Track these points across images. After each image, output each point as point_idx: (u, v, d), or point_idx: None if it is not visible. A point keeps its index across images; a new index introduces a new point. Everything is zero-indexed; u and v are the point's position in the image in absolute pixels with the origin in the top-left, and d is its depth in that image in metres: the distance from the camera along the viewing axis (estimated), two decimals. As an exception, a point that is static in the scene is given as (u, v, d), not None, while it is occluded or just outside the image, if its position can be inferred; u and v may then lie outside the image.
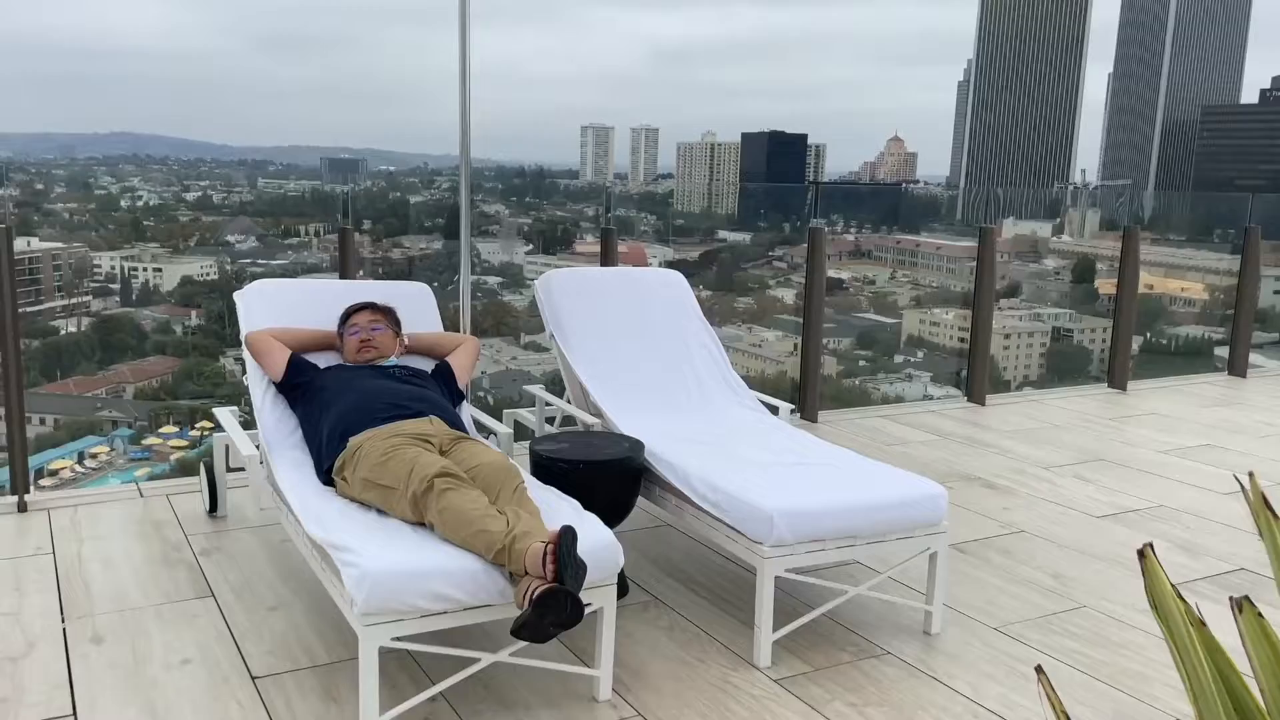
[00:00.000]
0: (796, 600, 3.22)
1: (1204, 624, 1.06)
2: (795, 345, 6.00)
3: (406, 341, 3.60)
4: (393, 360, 3.48)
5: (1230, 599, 1.16)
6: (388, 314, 3.56)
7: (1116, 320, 6.61)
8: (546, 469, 3.17)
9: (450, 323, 4.29)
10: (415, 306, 3.79)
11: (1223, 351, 7.23)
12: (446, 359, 3.60)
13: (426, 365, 3.58)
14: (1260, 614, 1.11)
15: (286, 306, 3.67)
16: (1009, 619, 3.22)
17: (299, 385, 3.35)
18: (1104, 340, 6.73)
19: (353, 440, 2.96)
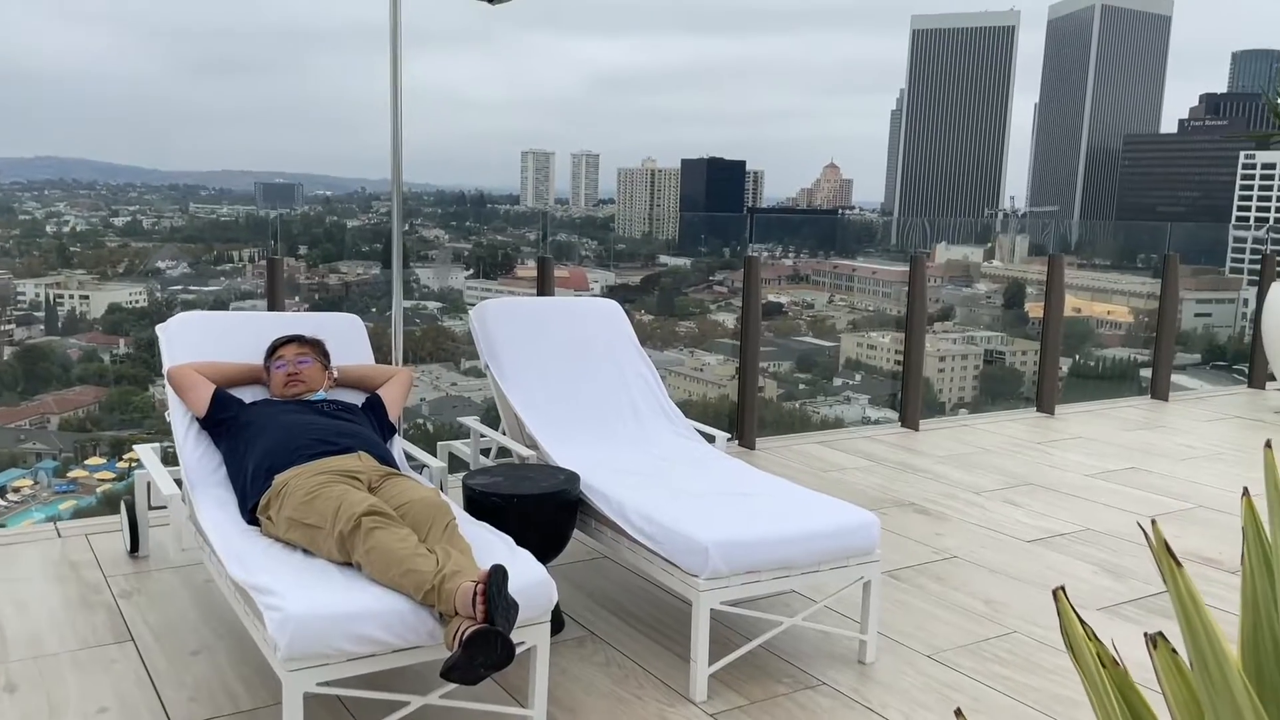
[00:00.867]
0: (733, 632, 3.21)
1: (1116, 663, 1.08)
2: (736, 370, 6.03)
3: (335, 374, 3.54)
4: (321, 394, 3.42)
5: (1145, 635, 1.18)
6: (316, 346, 3.50)
7: (1043, 347, 6.76)
8: (479, 504, 3.13)
9: (383, 353, 4.23)
10: (345, 338, 3.73)
11: (1148, 373, 7.42)
12: (377, 392, 3.55)
13: (357, 399, 3.52)
14: (1174, 650, 1.13)
15: (211, 339, 3.59)
16: (942, 646, 3.24)
17: (223, 421, 3.27)
18: (1035, 362, 6.86)
19: (278, 478, 2.89)
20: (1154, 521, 0.97)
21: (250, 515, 2.95)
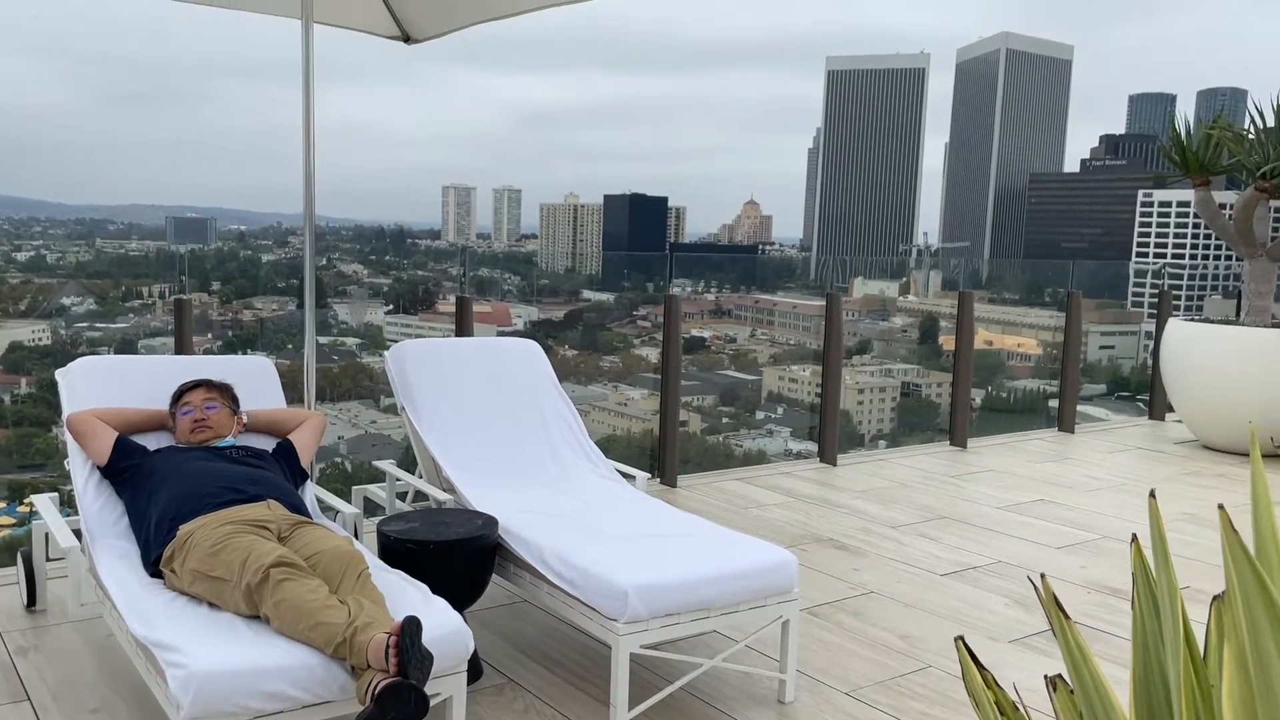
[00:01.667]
0: (654, 674, 3.19)
1: (1017, 708, 1.10)
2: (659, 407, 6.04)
3: (245, 420, 3.45)
4: (229, 440, 3.33)
5: (1045, 677, 1.20)
6: (224, 391, 3.41)
7: (955, 383, 6.93)
8: (394, 550, 3.08)
9: (297, 391, 4.14)
10: (255, 382, 3.64)
11: (1056, 404, 7.66)
12: (289, 437, 3.47)
13: (267, 444, 3.44)
14: (1072, 691, 1.16)
15: (115, 385, 3.47)
16: (859, 682, 3.27)
17: (125, 469, 3.16)
18: (950, 394, 7.03)
19: (183, 528, 2.80)
20: (1043, 576, 0.99)
21: (153, 568, 2.84)
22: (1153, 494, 1.02)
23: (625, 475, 4.00)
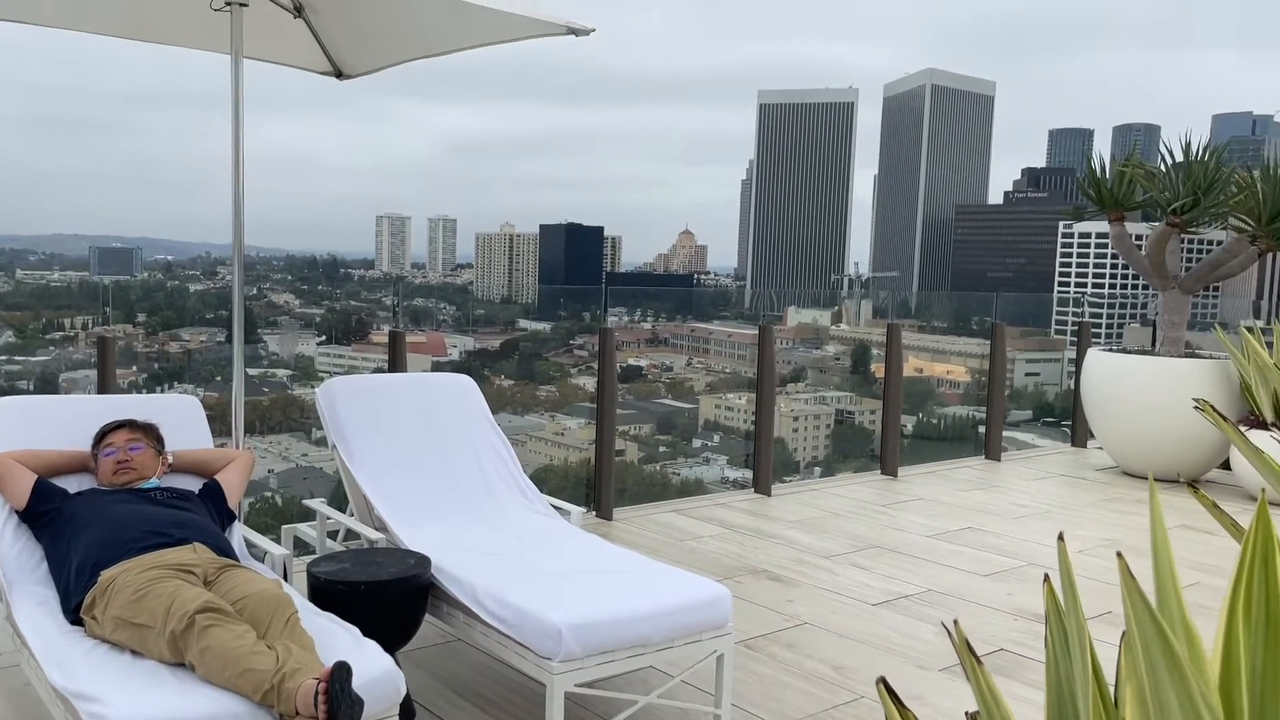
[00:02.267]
0: (589, 713, 3.18)
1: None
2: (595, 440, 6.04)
3: (170, 460, 3.38)
4: (154, 482, 3.25)
5: (966, 714, 1.24)
6: (148, 431, 3.34)
7: (885, 413, 7.06)
8: (324, 592, 3.03)
9: (226, 424, 4.06)
10: (181, 421, 3.57)
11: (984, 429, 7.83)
12: (216, 477, 3.40)
13: (193, 485, 3.37)
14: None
15: (34, 426, 3.37)
16: (793, 715, 3.30)
17: (45, 513, 3.07)
18: (881, 423, 7.16)
19: (104, 574, 2.72)
20: (955, 622, 1.03)
21: (74, 615, 2.76)
22: (1061, 537, 1.06)
23: (560, 510, 4.00)
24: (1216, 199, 6.88)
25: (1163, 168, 7.36)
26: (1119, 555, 0.85)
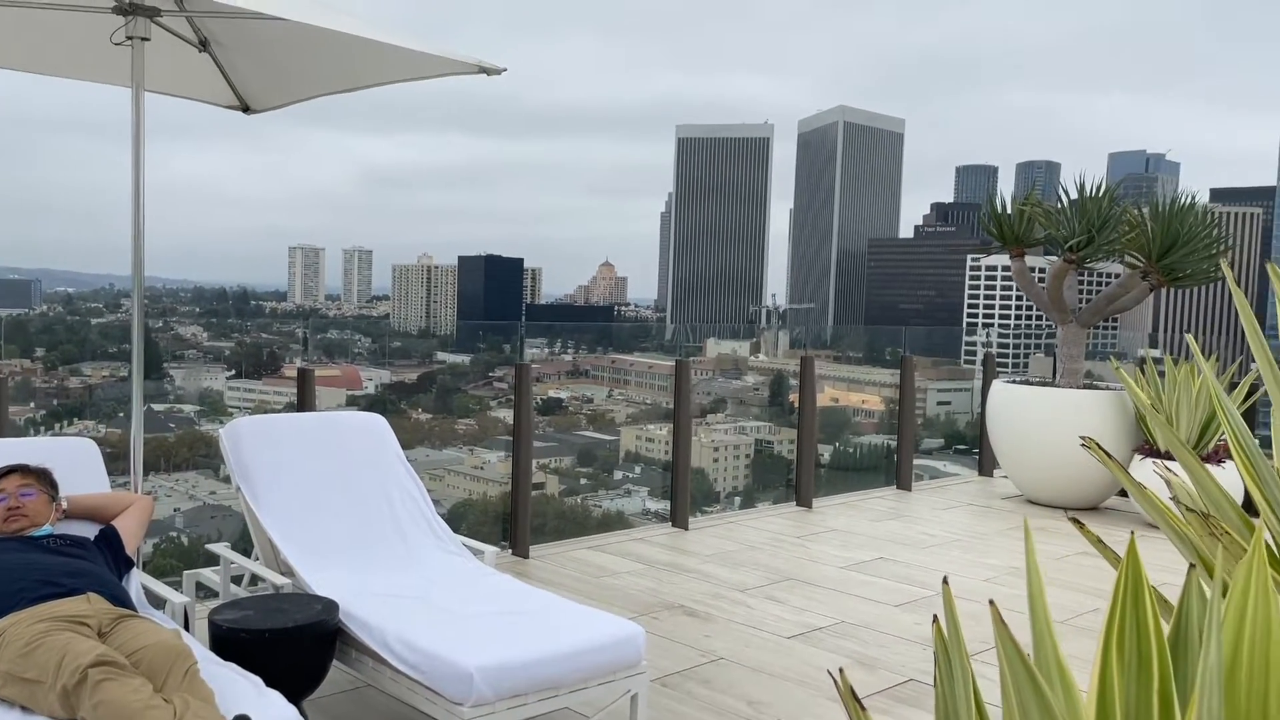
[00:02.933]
0: (501, 757, 3.13)
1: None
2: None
3: (64, 506, 3.25)
4: (47, 529, 3.13)
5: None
6: (41, 476, 3.21)
7: (799, 446, 7.16)
8: (227, 641, 2.94)
9: (128, 462, 3.92)
10: (76, 465, 3.45)
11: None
12: (113, 523, 3.29)
13: (89, 531, 3.25)
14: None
15: (-86, 472, 3.21)
16: (708, 752, 3.30)
17: (-74, 565, 2.92)
18: (796, 456, 7.25)
19: (-10, 628, 2.60)
20: (841, 670, 1.06)
21: (-45, 672, 2.63)
22: (945, 581, 1.10)
23: (474, 550, 3.96)
24: (1110, 237, 7.19)
25: (1062, 203, 7.66)
26: (991, 603, 0.88)
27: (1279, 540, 1.82)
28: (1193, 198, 7.27)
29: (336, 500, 3.84)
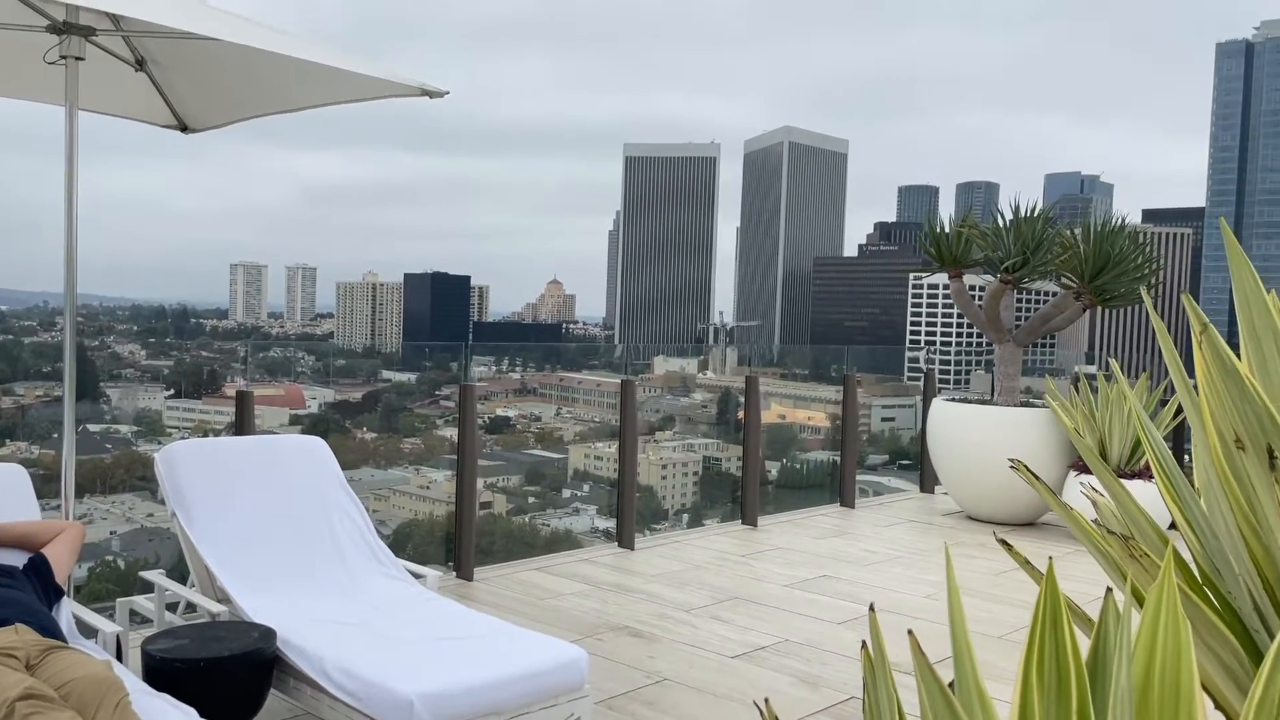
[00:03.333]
0: (443, 784, 3.10)
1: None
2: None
3: (-9, 535, 3.16)
4: (-29, 559, 3.04)
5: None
6: (-33, 505, 3.13)
7: (745, 465, 7.21)
8: (160, 671, 2.88)
9: (58, 483, 3.82)
10: (5, 491, 3.36)
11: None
12: (42, 551, 3.21)
13: (17, 560, 3.16)
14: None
15: None
16: (652, 775, 3.30)
17: None
18: (741, 474, 7.29)
19: (-90, 663, 2.52)
20: (767, 700, 1.07)
21: (-128, 710, 2.54)
22: (872, 608, 1.12)
23: (417, 574, 3.92)
24: (1044, 258, 7.37)
25: (998, 225, 7.84)
26: (910, 633, 0.91)
27: (1199, 558, 1.88)
28: (1123, 220, 7.49)
29: (275, 525, 3.78)
